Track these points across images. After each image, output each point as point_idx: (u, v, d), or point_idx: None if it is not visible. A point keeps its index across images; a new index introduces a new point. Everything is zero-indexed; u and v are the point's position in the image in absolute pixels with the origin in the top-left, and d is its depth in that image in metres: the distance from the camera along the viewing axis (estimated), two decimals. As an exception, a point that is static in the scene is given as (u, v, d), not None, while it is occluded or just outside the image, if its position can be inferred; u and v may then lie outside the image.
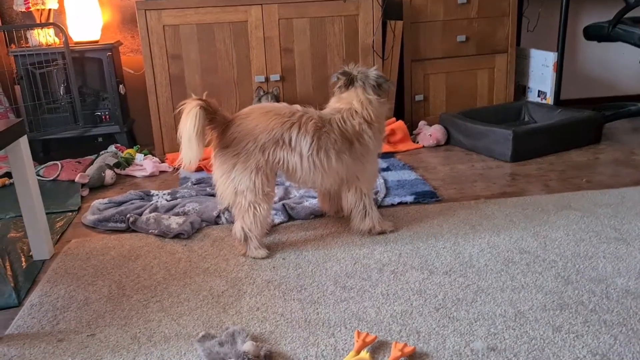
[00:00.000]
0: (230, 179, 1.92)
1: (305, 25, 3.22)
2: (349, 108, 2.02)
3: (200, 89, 3.19)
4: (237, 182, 1.92)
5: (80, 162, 3.08)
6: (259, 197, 1.93)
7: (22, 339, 1.58)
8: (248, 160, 1.90)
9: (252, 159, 1.90)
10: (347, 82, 2.06)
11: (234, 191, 1.93)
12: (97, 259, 2.05)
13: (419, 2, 3.41)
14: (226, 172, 1.93)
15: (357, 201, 2.09)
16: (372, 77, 2.04)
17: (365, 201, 2.09)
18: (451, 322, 1.55)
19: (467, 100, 3.64)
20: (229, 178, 1.93)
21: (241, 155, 1.90)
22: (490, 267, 1.85)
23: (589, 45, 4.14)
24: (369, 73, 2.05)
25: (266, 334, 1.55)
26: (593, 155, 3.00)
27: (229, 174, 1.92)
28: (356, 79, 2.05)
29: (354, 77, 2.05)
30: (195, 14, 3.10)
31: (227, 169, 1.93)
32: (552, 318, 1.55)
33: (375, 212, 2.12)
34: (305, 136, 1.92)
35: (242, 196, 1.93)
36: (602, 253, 1.91)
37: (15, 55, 3.15)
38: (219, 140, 1.93)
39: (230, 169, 1.92)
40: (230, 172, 1.92)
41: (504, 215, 2.25)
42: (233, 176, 1.92)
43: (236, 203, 1.95)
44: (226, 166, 1.93)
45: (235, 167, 1.91)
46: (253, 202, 1.93)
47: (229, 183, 1.93)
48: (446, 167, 2.91)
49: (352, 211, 2.11)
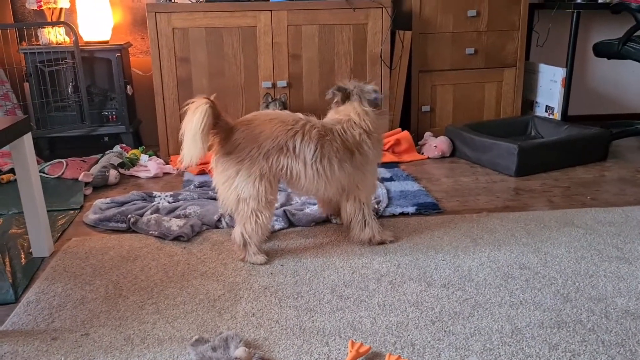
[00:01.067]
0: (234, 186, 1.91)
1: (314, 32, 3.22)
2: (348, 119, 2.02)
3: (207, 92, 3.20)
4: (241, 189, 1.91)
5: (85, 161, 3.09)
6: (261, 204, 1.93)
7: (17, 335, 1.58)
8: (252, 167, 1.90)
9: (256, 166, 1.90)
10: (343, 97, 2.07)
11: (237, 198, 1.92)
12: (96, 258, 2.05)
13: (428, 13, 3.41)
14: (229, 179, 1.92)
15: (357, 211, 2.08)
16: (368, 90, 2.06)
17: (364, 211, 2.08)
18: (447, 336, 1.54)
19: (474, 112, 3.63)
20: (232, 185, 1.92)
21: (245, 162, 1.90)
22: (489, 281, 1.84)
23: (598, 62, 4.12)
24: (365, 87, 2.07)
25: (260, 340, 1.54)
26: (599, 172, 2.98)
27: (232, 181, 1.92)
28: (352, 93, 2.06)
29: (350, 92, 2.06)
30: (204, 17, 3.11)
31: (231, 175, 1.92)
32: (549, 336, 1.54)
33: (375, 221, 2.11)
34: (309, 144, 1.92)
35: (244, 203, 1.92)
36: (603, 272, 1.89)
37: (25, 53, 3.18)
38: (221, 146, 1.93)
39: (234, 175, 1.91)
40: (234, 179, 1.91)
41: (505, 230, 2.23)
42: (236, 183, 1.91)
43: (238, 210, 1.94)
44: (229, 172, 1.92)
45: (238, 173, 1.91)
46: (255, 209, 1.93)
47: (232, 190, 1.92)
48: (450, 179, 2.90)
49: (351, 221, 2.10)
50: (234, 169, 1.91)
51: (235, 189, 1.91)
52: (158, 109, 3.21)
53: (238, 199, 1.92)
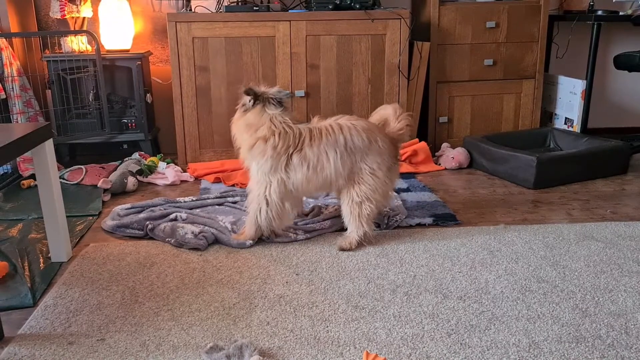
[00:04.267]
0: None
1: (332, 42, 3.24)
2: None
3: (225, 101, 3.23)
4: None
5: (104, 168, 3.13)
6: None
7: (34, 339, 1.59)
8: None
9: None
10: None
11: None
12: (113, 264, 2.06)
13: (447, 24, 3.41)
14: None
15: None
16: (272, 93, 2.14)
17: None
18: (463, 349, 1.52)
19: (492, 124, 3.61)
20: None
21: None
22: (507, 294, 1.81)
23: (619, 74, 4.08)
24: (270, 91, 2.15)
25: (274, 349, 1.53)
26: (619, 186, 2.94)
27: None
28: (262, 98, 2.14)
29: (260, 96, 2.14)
30: (224, 27, 3.14)
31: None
32: (568, 351, 1.51)
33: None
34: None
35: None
36: (624, 286, 1.86)
37: (48, 61, 3.23)
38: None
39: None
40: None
41: (523, 243, 2.21)
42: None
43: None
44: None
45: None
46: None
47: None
48: (467, 191, 2.88)
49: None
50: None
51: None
52: (177, 117, 3.24)
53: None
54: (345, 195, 2.17)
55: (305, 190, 2.17)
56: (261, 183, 2.14)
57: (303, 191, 2.17)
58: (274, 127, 2.10)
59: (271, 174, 2.11)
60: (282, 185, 2.12)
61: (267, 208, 2.14)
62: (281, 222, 2.20)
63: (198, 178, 3.11)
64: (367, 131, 2.14)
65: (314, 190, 2.17)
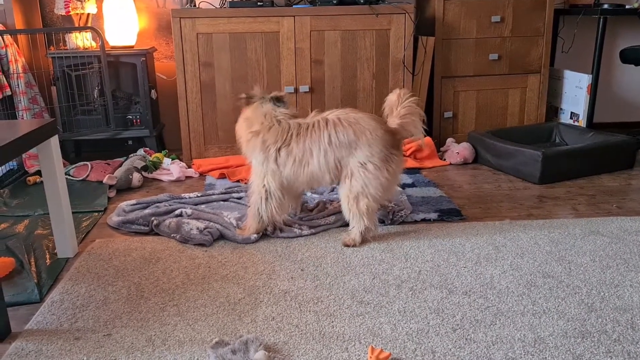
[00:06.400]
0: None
1: (337, 37, 3.23)
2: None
3: (230, 97, 3.23)
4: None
5: (110, 164, 3.14)
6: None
7: (41, 334, 1.60)
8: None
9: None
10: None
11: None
12: (119, 259, 2.07)
13: (451, 18, 3.39)
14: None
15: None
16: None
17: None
18: (468, 344, 1.52)
19: (497, 119, 3.59)
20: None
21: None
22: (512, 289, 1.81)
23: (625, 68, 4.05)
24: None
25: (280, 344, 1.54)
26: (625, 180, 2.93)
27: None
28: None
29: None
30: (228, 23, 3.14)
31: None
32: (573, 346, 1.51)
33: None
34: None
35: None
36: (630, 282, 1.85)
37: (53, 57, 3.24)
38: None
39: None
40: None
41: (528, 238, 2.20)
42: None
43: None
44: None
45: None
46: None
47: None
48: (472, 186, 2.88)
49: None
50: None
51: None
52: (181, 113, 3.24)
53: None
54: (341, 191, 2.18)
55: (296, 184, 2.20)
56: (259, 175, 2.19)
57: (294, 185, 2.20)
58: (266, 121, 2.16)
59: (265, 166, 2.17)
60: (277, 177, 2.17)
61: (268, 198, 2.18)
62: (282, 211, 2.23)
63: (203, 174, 3.12)
64: (355, 125, 2.12)
65: (305, 184, 2.20)
